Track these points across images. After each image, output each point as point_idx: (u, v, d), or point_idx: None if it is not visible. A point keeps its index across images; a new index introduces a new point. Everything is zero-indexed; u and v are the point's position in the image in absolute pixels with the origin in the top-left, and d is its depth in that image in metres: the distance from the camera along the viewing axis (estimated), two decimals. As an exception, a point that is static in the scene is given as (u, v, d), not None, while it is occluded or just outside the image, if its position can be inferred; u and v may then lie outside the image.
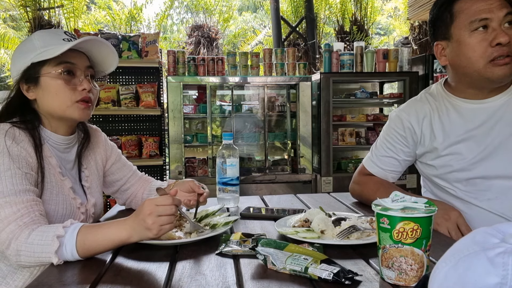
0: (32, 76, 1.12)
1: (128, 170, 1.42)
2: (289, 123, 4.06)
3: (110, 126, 3.88)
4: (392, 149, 1.41)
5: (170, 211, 0.91)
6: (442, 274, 0.44)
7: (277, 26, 5.18)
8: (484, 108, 1.26)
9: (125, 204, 1.45)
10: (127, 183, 1.41)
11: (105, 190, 1.42)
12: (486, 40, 1.17)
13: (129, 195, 1.42)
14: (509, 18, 1.17)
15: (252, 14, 12.00)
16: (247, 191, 3.69)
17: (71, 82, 1.13)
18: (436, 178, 1.34)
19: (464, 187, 1.27)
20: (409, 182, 3.80)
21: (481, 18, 1.18)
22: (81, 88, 1.14)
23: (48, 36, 1.14)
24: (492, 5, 1.17)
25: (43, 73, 1.11)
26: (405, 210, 0.75)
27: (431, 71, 3.92)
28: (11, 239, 0.92)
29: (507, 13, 1.16)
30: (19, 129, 1.08)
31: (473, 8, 1.19)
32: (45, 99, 1.13)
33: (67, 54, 1.10)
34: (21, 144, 1.05)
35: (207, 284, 0.78)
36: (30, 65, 1.11)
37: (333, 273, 0.75)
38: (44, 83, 1.12)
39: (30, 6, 4.31)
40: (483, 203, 1.24)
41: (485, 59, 1.18)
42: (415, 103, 1.39)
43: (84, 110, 1.15)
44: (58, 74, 1.11)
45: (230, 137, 1.45)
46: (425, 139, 1.34)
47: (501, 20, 1.16)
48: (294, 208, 1.36)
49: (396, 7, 6.89)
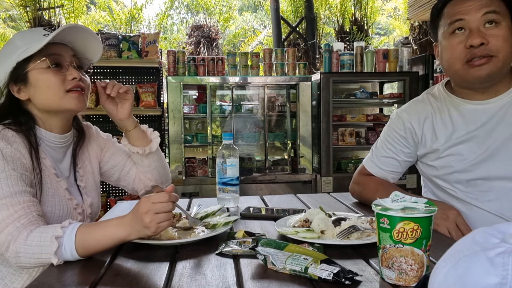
0: (20, 75, 1.11)
1: (123, 155, 1.39)
2: (289, 123, 4.06)
3: (110, 126, 3.87)
4: (392, 150, 1.40)
5: (167, 208, 0.90)
6: (442, 274, 0.44)
7: (277, 26, 5.18)
8: (485, 109, 1.25)
9: (134, 190, 1.41)
10: (125, 166, 1.38)
11: (109, 181, 1.40)
12: (462, 42, 1.19)
13: (132, 178, 1.38)
14: (489, 17, 1.16)
15: (252, 14, 11.99)
16: (247, 191, 3.69)
17: (60, 73, 1.13)
18: (437, 178, 1.34)
19: (465, 188, 1.27)
20: (409, 182, 3.80)
21: (456, 19, 1.20)
22: (70, 77, 1.13)
23: (28, 34, 1.14)
24: (470, 6, 1.18)
25: (30, 69, 1.10)
26: (405, 210, 0.75)
27: (431, 71, 3.92)
28: (10, 241, 0.92)
29: (485, 12, 1.16)
30: (12, 131, 1.07)
31: (452, 10, 1.21)
32: (37, 95, 1.12)
33: (50, 47, 1.10)
34: (15, 145, 1.05)
35: (207, 284, 0.78)
36: (16, 65, 1.10)
37: (333, 273, 0.75)
38: (33, 79, 1.11)
39: (30, 6, 4.31)
40: (483, 204, 1.24)
41: (461, 60, 1.20)
42: (417, 104, 1.39)
43: (78, 98, 1.15)
44: (45, 67, 1.11)
45: (230, 137, 1.45)
46: (426, 140, 1.33)
47: (479, 21, 1.17)
48: (294, 208, 1.36)
49: (396, 7, 6.89)
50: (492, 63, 1.17)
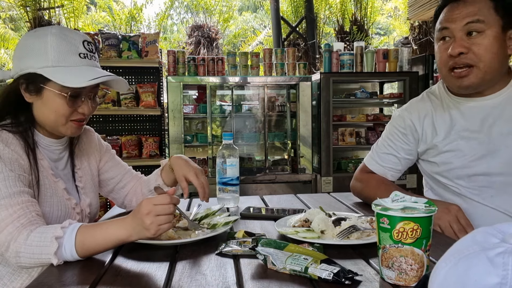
0: (35, 84, 1.07)
1: (122, 169, 1.40)
2: (289, 123, 4.06)
3: (110, 126, 3.88)
4: (392, 146, 1.42)
5: (168, 210, 0.90)
6: (442, 274, 0.44)
7: (277, 26, 5.18)
8: (483, 106, 1.27)
9: (123, 205, 1.42)
10: (122, 181, 1.39)
11: (101, 191, 1.40)
12: (446, 49, 1.22)
13: (125, 194, 1.40)
14: (472, 27, 1.17)
15: (252, 14, 11.99)
16: (247, 191, 3.69)
17: (74, 104, 1.10)
18: (438, 175, 1.35)
19: (466, 183, 1.28)
20: (409, 182, 3.80)
21: (442, 28, 1.23)
22: (81, 111, 1.12)
23: (64, 46, 1.07)
24: (456, 15, 1.19)
25: (48, 87, 1.07)
26: (405, 210, 0.75)
27: (431, 71, 3.92)
28: (10, 241, 0.92)
29: (467, 22, 1.17)
30: (10, 133, 1.07)
31: (442, 17, 1.24)
32: (41, 110, 1.10)
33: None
34: (12, 147, 1.04)
35: (207, 284, 0.78)
36: (37, 74, 1.05)
37: (333, 273, 0.75)
38: (46, 96, 1.08)
39: (30, 6, 4.31)
40: (485, 200, 1.25)
41: (446, 67, 1.24)
42: (417, 102, 1.42)
43: (77, 128, 1.14)
44: (63, 95, 1.07)
45: (230, 137, 1.45)
46: (426, 136, 1.35)
47: (462, 30, 1.18)
48: (294, 208, 1.36)
49: (396, 7, 6.89)
50: (472, 74, 1.19)
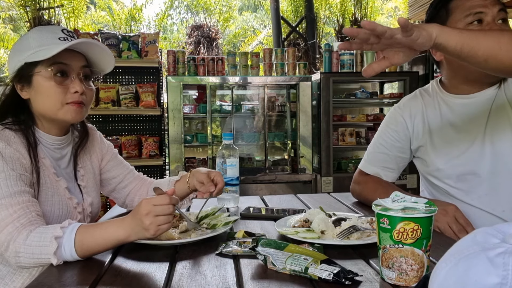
0: (25, 76, 1.10)
1: (124, 169, 1.40)
2: (289, 123, 4.06)
3: (110, 126, 3.88)
4: (383, 144, 1.42)
5: (167, 210, 0.90)
6: (443, 275, 0.44)
7: (277, 26, 5.18)
8: (472, 103, 1.27)
9: (124, 204, 1.43)
10: (124, 181, 1.39)
11: (102, 190, 1.40)
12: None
13: (126, 193, 1.40)
14: (502, 15, 1.21)
15: (252, 14, 12.00)
16: (247, 191, 3.69)
17: (63, 84, 1.11)
18: (429, 175, 1.36)
19: (455, 183, 1.28)
20: (409, 182, 3.80)
21: (476, 12, 1.21)
22: (73, 90, 1.11)
23: (44, 34, 1.11)
24: (486, 1, 1.21)
25: (35, 73, 1.10)
26: (405, 210, 0.75)
27: (431, 71, 3.92)
28: (9, 240, 0.92)
29: (500, 9, 1.21)
30: (12, 131, 1.07)
31: (468, 4, 1.23)
32: (36, 100, 1.12)
33: (61, 54, 1.08)
34: (14, 145, 1.05)
35: (207, 284, 0.78)
36: (24, 65, 1.09)
37: (333, 273, 0.75)
38: (36, 83, 1.10)
39: (30, 6, 4.31)
40: (474, 201, 1.25)
41: None
42: (409, 100, 1.43)
43: (76, 111, 1.13)
44: (50, 75, 1.09)
45: (230, 137, 1.45)
46: (418, 132, 1.36)
47: (495, 16, 1.20)
48: (294, 208, 1.36)
49: (396, 7, 6.89)
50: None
